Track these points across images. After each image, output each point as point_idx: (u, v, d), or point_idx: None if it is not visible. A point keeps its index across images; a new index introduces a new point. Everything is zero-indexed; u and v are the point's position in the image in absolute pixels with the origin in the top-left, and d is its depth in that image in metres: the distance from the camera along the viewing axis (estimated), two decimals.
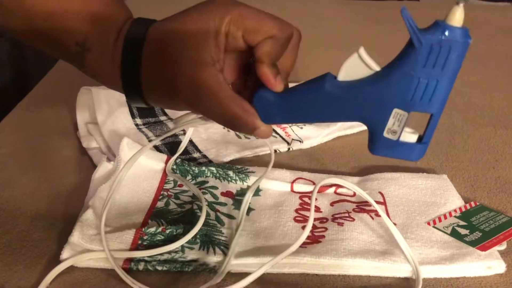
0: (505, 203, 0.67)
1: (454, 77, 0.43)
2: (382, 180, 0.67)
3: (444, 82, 0.43)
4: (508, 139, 0.84)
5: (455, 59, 0.42)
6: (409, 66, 0.43)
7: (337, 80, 0.45)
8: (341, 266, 0.54)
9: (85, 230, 0.55)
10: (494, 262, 0.54)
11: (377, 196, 0.64)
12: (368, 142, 0.47)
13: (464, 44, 0.41)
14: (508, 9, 1.76)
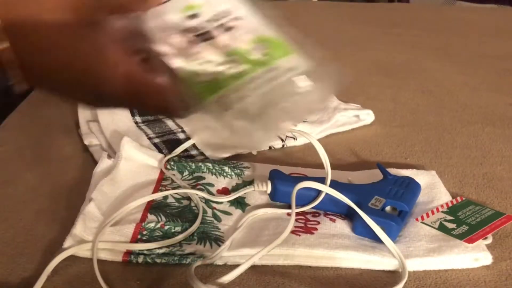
0: (492, 198, 0.68)
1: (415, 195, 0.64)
2: (372, 177, 0.68)
3: (407, 193, 0.62)
4: (495, 136, 0.86)
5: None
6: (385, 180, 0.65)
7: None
8: (334, 259, 0.55)
9: (87, 222, 0.57)
10: (480, 254, 0.56)
11: None
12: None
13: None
14: (495, 10, 1.78)
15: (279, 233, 0.55)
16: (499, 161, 0.78)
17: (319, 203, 0.61)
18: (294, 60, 0.41)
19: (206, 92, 0.40)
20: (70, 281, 0.52)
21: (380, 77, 1.14)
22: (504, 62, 1.24)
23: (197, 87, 0.40)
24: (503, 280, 0.54)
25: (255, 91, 0.40)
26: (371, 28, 1.55)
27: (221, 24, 0.42)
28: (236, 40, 0.41)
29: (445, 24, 1.63)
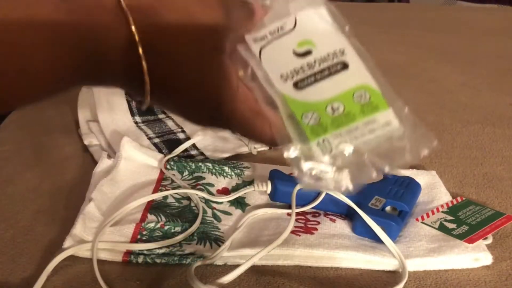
0: (493, 198, 0.68)
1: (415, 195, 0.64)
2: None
3: (407, 193, 0.63)
4: (495, 136, 0.86)
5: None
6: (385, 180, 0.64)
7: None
8: (334, 259, 0.55)
9: (87, 222, 0.57)
10: (481, 254, 0.56)
11: None
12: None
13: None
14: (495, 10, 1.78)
15: (279, 233, 0.55)
16: (499, 161, 0.78)
17: (319, 203, 0.61)
18: (391, 116, 0.42)
19: (310, 132, 0.41)
20: (70, 281, 0.52)
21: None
22: (504, 62, 1.24)
23: (303, 126, 0.42)
24: (503, 280, 0.54)
25: (355, 140, 0.41)
26: (371, 28, 1.55)
27: (330, 65, 0.43)
28: (341, 85, 0.42)
29: (445, 24, 1.63)
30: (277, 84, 0.43)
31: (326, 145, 0.41)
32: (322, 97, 0.42)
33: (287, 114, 0.43)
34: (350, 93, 0.42)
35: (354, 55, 0.44)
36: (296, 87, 0.42)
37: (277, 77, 0.43)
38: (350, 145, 0.41)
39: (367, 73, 0.43)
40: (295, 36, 0.44)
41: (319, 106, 0.42)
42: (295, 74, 0.43)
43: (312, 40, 0.44)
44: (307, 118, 0.42)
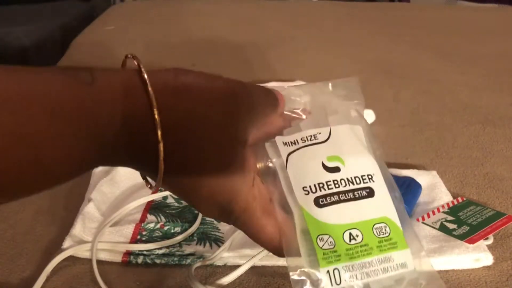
0: (493, 198, 0.68)
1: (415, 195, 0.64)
2: None
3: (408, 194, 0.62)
4: (496, 136, 0.86)
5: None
6: None
7: None
8: None
9: (86, 223, 0.57)
10: (481, 255, 0.56)
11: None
12: None
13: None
14: (495, 10, 1.78)
15: None
16: (500, 161, 0.78)
17: None
18: (407, 257, 0.40)
19: (322, 258, 0.39)
20: (70, 281, 0.52)
21: (381, 77, 1.14)
22: (504, 62, 1.24)
23: (317, 248, 0.40)
24: (504, 280, 0.54)
25: (366, 277, 0.39)
26: (371, 28, 1.56)
27: (356, 189, 0.41)
28: (364, 213, 0.40)
29: (445, 24, 1.63)
30: (299, 195, 0.41)
31: (336, 276, 0.39)
32: (341, 221, 0.40)
33: (302, 229, 0.40)
34: (371, 224, 0.40)
35: (382, 183, 0.42)
36: (317, 203, 0.40)
37: (300, 188, 0.41)
38: (361, 282, 0.39)
39: (392, 206, 0.42)
40: (327, 148, 0.42)
41: (337, 230, 0.40)
42: (319, 189, 0.41)
43: (343, 157, 0.42)
44: (322, 241, 0.40)
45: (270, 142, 0.43)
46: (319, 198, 0.40)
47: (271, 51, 1.27)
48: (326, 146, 0.42)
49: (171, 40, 1.27)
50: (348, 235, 0.39)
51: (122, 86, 0.34)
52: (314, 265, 0.39)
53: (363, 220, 0.40)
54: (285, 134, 0.43)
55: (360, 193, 0.41)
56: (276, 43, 1.35)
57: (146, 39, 1.24)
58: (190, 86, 0.37)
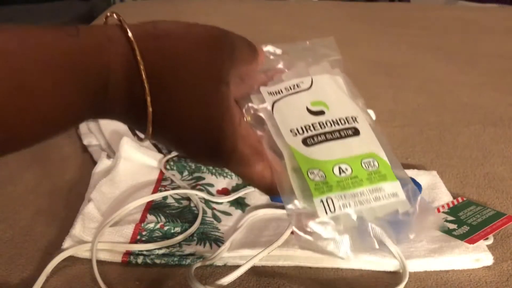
0: (493, 198, 0.68)
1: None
2: None
3: None
4: (496, 136, 0.86)
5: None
6: None
7: None
8: (334, 259, 0.55)
9: (86, 223, 0.57)
10: (481, 255, 0.56)
11: None
12: None
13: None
14: (496, 10, 1.78)
15: (279, 234, 0.55)
16: (500, 161, 0.78)
17: None
18: (397, 188, 0.41)
19: (314, 189, 0.40)
20: (69, 281, 0.52)
21: (381, 77, 1.14)
22: (505, 62, 1.24)
23: (308, 181, 0.41)
24: (504, 280, 0.54)
25: (359, 205, 0.40)
26: (372, 28, 1.56)
27: (341, 129, 0.43)
28: (351, 149, 0.42)
29: (445, 23, 1.63)
30: (287, 137, 0.42)
31: (330, 205, 0.40)
32: (330, 157, 0.41)
33: (293, 167, 0.42)
34: (358, 158, 0.41)
35: (366, 125, 0.44)
36: (305, 143, 0.42)
37: (287, 131, 0.43)
38: (354, 209, 0.40)
39: (377, 144, 0.43)
40: (310, 95, 0.44)
41: (327, 165, 0.41)
42: (306, 130, 0.42)
43: (326, 102, 0.44)
44: (312, 174, 0.41)
45: (255, 93, 0.44)
46: (307, 139, 0.42)
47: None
48: (309, 93, 0.44)
49: None
50: (337, 169, 0.41)
51: (105, 37, 0.36)
52: (308, 198, 0.40)
53: (351, 155, 0.42)
54: (269, 85, 0.45)
55: (346, 132, 0.43)
56: (276, 43, 1.35)
57: None
58: (170, 30, 0.39)
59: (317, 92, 0.45)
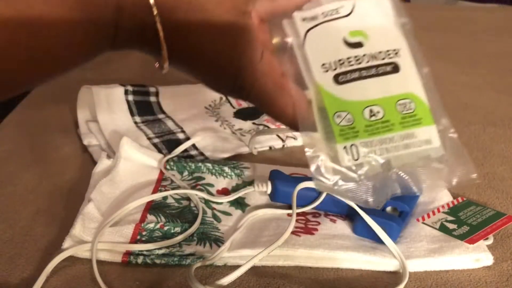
0: (493, 198, 0.68)
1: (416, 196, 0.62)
2: None
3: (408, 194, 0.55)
4: (496, 136, 0.86)
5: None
6: None
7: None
8: (334, 259, 0.55)
9: (86, 223, 0.57)
10: (481, 255, 0.56)
11: None
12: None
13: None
14: (496, 10, 1.78)
15: (279, 234, 0.55)
16: (500, 161, 0.78)
17: (320, 204, 0.61)
18: (432, 133, 0.39)
19: (339, 134, 0.38)
20: (69, 282, 0.52)
21: None
22: (505, 62, 1.24)
23: (333, 125, 0.38)
24: (504, 280, 0.54)
25: (386, 153, 0.38)
26: None
27: (379, 64, 0.39)
28: (387, 89, 0.39)
29: (445, 24, 1.63)
30: (316, 72, 0.39)
31: (353, 152, 0.38)
32: (361, 98, 0.38)
33: (318, 107, 0.39)
34: (394, 100, 0.39)
35: (408, 58, 0.41)
36: (337, 80, 0.39)
37: (318, 65, 0.39)
38: (380, 158, 0.38)
39: (418, 81, 0.40)
40: (349, 23, 0.40)
41: (356, 106, 0.38)
42: (339, 65, 0.39)
43: (366, 32, 0.40)
44: (339, 117, 0.38)
45: (288, 19, 0.41)
46: (339, 75, 0.39)
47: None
48: (349, 20, 0.40)
49: None
50: (368, 112, 0.38)
51: None
52: (331, 142, 0.38)
53: (385, 96, 0.39)
54: (305, 9, 0.41)
55: (384, 68, 0.39)
56: None
57: None
58: None
59: (357, 19, 0.40)
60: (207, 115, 0.86)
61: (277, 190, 0.62)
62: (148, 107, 0.85)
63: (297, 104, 0.40)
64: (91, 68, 1.08)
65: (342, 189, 0.38)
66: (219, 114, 0.87)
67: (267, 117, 0.84)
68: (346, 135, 0.38)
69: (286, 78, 0.41)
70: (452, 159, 0.39)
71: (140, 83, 0.88)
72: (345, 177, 0.38)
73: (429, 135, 0.39)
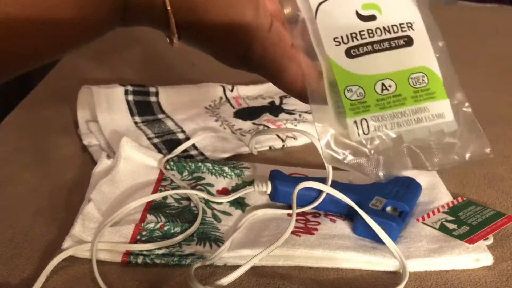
0: (493, 198, 0.68)
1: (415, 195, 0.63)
2: None
3: (408, 194, 0.61)
4: (496, 136, 0.86)
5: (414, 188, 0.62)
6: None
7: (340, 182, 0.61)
8: (334, 259, 0.55)
9: (86, 223, 0.57)
10: (481, 255, 0.56)
11: None
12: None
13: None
14: (495, 10, 1.78)
15: (279, 234, 0.54)
16: (500, 161, 0.78)
17: (320, 204, 0.61)
18: (446, 108, 0.39)
19: (349, 109, 0.38)
20: (69, 281, 0.52)
21: None
22: (504, 62, 1.24)
23: (344, 99, 0.38)
24: (504, 280, 0.54)
25: (397, 127, 0.38)
26: None
27: (392, 38, 0.39)
28: (400, 62, 0.39)
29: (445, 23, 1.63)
30: (328, 46, 0.39)
31: (363, 127, 0.37)
32: (373, 71, 0.38)
33: (329, 81, 0.39)
34: (407, 73, 0.38)
35: (423, 31, 0.40)
36: (349, 54, 0.38)
37: (330, 39, 0.39)
38: (391, 132, 0.37)
39: (432, 55, 0.39)
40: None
41: (368, 80, 0.38)
42: (351, 38, 0.39)
43: (379, 5, 0.39)
44: (350, 92, 0.38)
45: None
46: (351, 49, 0.38)
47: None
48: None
49: None
50: (380, 86, 0.38)
51: None
52: (341, 116, 0.38)
53: (398, 70, 0.38)
54: None
55: (397, 42, 0.39)
56: None
57: (146, 39, 1.23)
58: None
59: None
60: (207, 115, 0.87)
61: (277, 190, 0.62)
62: (148, 107, 0.85)
63: (306, 75, 0.40)
64: (91, 68, 1.08)
65: (352, 163, 0.38)
66: (219, 114, 0.87)
67: (267, 117, 0.84)
68: (357, 109, 0.38)
69: (296, 49, 0.41)
70: (465, 134, 0.39)
71: (140, 83, 0.88)
72: (356, 152, 0.38)
73: (442, 109, 0.38)
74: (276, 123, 0.83)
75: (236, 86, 0.95)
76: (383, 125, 0.38)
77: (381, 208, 0.59)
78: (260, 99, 0.93)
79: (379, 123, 0.37)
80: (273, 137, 0.80)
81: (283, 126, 0.83)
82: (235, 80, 0.97)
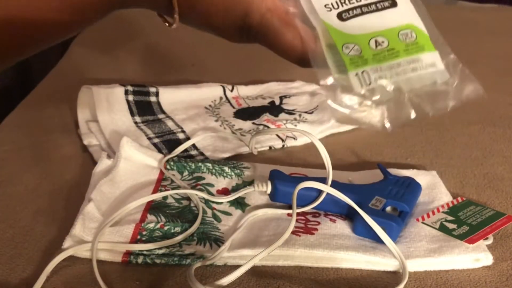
0: (493, 198, 0.68)
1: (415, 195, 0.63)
2: (373, 177, 0.68)
3: (408, 193, 0.62)
4: (496, 136, 0.86)
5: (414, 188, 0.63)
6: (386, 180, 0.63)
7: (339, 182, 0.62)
8: (334, 259, 0.55)
9: (86, 223, 0.57)
10: (481, 255, 0.56)
11: None
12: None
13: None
14: (495, 10, 1.78)
15: (279, 234, 0.55)
16: (500, 161, 0.78)
17: (320, 203, 0.61)
18: (436, 58, 0.42)
19: (349, 63, 0.41)
20: (70, 281, 0.52)
21: None
22: (504, 62, 1.24)
23: (343, 56, 0.41)
24: (503, 280, 0.54)
25: (396, 76, 0.41)
26: None
27: (378, 1, 0.42)
28: (388, 21, 0.42)
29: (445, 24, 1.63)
30: (321, 12, 0.42)
31: (365, 78, 0.40)
32: (366, 31, 0.41)
33: (327, 43, 0.41)
34: (396, 31, 0.41)
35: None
36: (340, 17, 0.42)
37: (321, 6, 0.42)
38: (390, 80, 0.40)
39: (416, 15, 0.43)
40: None
41: (362, 38, 0.41)
42: (341, 4, 0.42)
43: None
44: (348, 49, 0.41)
45: None
46: (342, 13, 0.42)
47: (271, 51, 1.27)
48: None
49: (171, 40, 1.27)
50: (373, 42, 0.41)
51: None
52: (342, 72, 0.40)
53: (387, 28, 0.42)
54: None
55: (382, 4, 0.42)
56: None
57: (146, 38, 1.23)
58: None
59: None
60: (207, 115, 0.87)
61: (277, 190, 0.62)
62: (148, 107, 0.85)
63: (305, 39, 0.42)
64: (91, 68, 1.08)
65: (358, 116, 0.41)
66: (219, 114, 0.87)
67: (267, 117, 0.84)
68: (356, 63, 0.41)
69: (292, 15, 0.43)
70: (457, 81, 0.43)
71: (140, 83, 0.88)
72: (361, 105, 0.41)
73: (433, 60, 0.42)
74: (276, 123, 0.83)
75: (236, 86, 0.95)
76: (383, 75, 0.41)
77: (381, 208, 0.59)
78: (260, 99, 0.93)
79: (378, 73, 0.40)
80: (273, 137, 0.80)
81: (283, 126, 0.83)
82: (235, 80, 0.97)
